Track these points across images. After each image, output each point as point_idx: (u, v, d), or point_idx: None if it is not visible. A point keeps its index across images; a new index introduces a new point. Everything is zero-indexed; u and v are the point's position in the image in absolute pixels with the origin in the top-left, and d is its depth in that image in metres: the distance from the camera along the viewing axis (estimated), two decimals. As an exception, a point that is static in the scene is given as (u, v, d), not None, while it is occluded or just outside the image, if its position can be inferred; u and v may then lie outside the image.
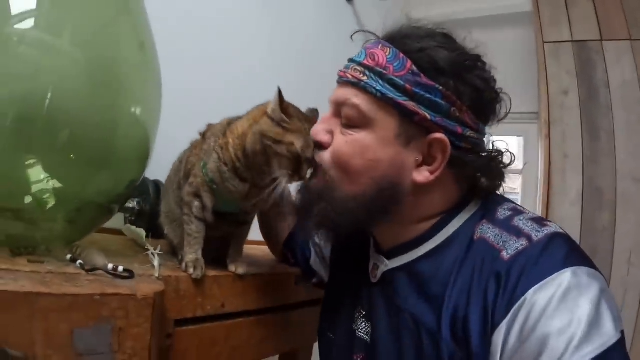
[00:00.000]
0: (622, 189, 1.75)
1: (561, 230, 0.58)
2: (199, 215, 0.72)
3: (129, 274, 0.56)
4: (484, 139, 0.66)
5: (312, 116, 0.74)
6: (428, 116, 0.60)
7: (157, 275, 0.61)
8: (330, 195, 0.64)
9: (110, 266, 0.57)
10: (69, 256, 0.60)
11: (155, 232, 0.85)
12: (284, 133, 0.67)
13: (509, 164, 0.69)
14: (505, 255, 0.56)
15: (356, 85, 0.62)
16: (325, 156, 0.65)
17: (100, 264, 0.57)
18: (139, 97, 0.71)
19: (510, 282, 0.53)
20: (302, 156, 0.66)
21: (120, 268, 0.57)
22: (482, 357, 0.54)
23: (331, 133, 0.66)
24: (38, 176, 0.61)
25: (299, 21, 1.75)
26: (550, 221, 0.61)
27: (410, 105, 0.59)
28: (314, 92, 1.78)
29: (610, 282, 1.68)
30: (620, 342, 0.50)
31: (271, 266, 0.91)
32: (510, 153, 0.69)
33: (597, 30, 1.90)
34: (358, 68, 0.63)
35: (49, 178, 0.61)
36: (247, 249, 1.08)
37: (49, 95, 0.58)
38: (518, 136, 2.39)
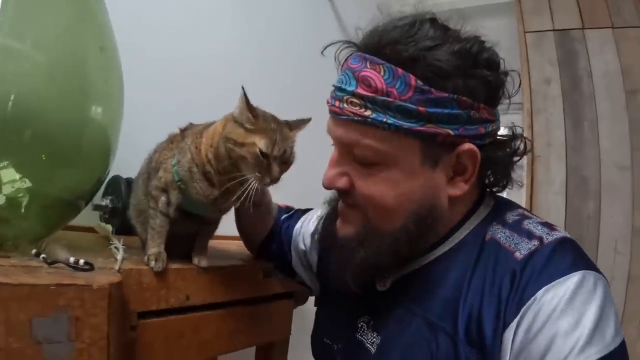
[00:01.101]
0: (607, 178, 1.79)
1: (569, 236, 0.61)
2: (163, 210, 0.74)
3: (89, 267, 0.60)
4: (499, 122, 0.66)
5: (287, 123, 0.73)
6: (451, 132, 0.58)
7: (117, 267, 0.64)
8: (371, 239, 0.64)
9: (71, 259, 0.60)
10: (34, 251, 0.63)
11: (128, 228, 0.88)
12: (245, 134, 0.67)
13: (526, 151, 0.69)
14: (518, 255, 0.59)
15: (362, 123, 0.58)
16: (357, 198, 0.64)
17: (62, 257, 0.61)
18: (100, 97, 0.75)
19: (523, 280, 0.56)
20: (268, 155, 0.66)
21: (81, 261, 0.60)
22: (495, 356, 0.56)
23: (346, 175, 0.64)
24: (8, 176, 0.65)
25: (274, 18, 1.78)
26: (558, 227, 0.63)
27: (429, 128, 0.57)
28: (291, 90, 1.82)
29: (595, 272, 1.72)
30: (622, 347, 0.53)
31: (240, 259, 0.94)
32: (524, 138, 0.69)
33: (579, 18, 1.93)
34: (355, 100, 0.58)
35: (19, 177, 0.65)
36: (222, 243, 1.13)
37: (12, 97, 0.62)
38: (504, 127, 2.43)
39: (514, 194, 2.33)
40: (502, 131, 0.68)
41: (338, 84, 0.62)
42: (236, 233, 1.26)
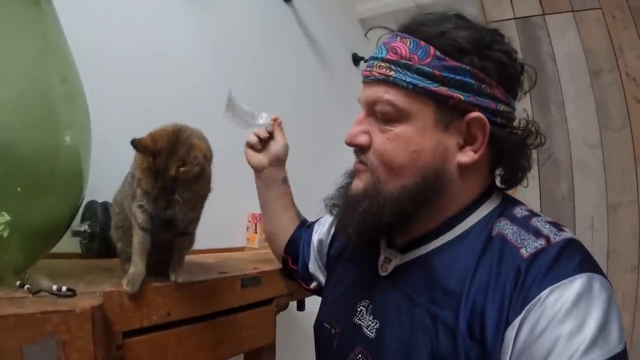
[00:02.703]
0: (578, 157, 1.88)
1: (576, 237, 0.63)
2: (144, 225, 0.77)
3: (72, 292, 0.64)
4: (515, 114, 0.71)
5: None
6: (462, 97, 0.65)
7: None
8: (376, 192, 0.69)
9: (54, 287, 0.64)
10: (18, 282, 0.67)
11: (108, 252, 0.93)
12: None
13: (539, 144, 0.75)
14: (524, 252, 0.61)
15: (385, 81, 0.67)
16: (370, 158, 0.71)
17: (45, 286, 0.65)
18: (67, 125, 0.79)
19: (528, 279, 0.58)
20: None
21: (64, 288, 0.64)
22: (496, 353, 0.58)
23: (368, 133, 0.71)
24: None
25: (235, 23, 1.82)
26: (566, 227, 0.65)
27: (443, 90, 0.65)
28: (254, 93, 1.86)
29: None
30: (624, 354, 0.55)
31: (218, 272, 0.99)
32: (540, 133, 0.75)
33: (539, 5, 2.02)
34: (382, 64, 0.68)
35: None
36: (200, 257, 1.17)
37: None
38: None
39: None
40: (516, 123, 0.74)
41: (372, 55, 0.72)
42: (213, 246, 1.31)
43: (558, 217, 1.85)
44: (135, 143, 0.70)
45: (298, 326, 0.91)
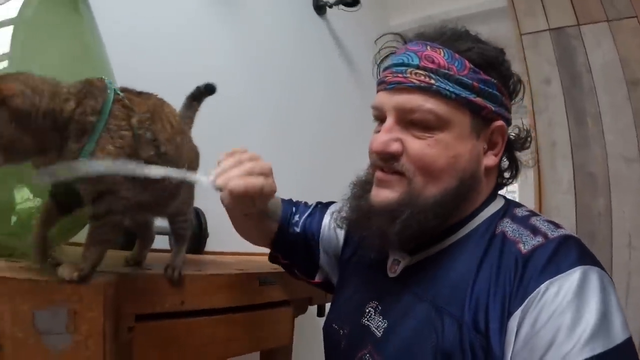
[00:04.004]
0: (615, 171, 1.83)
1: (574, 234, 0.67)
2: None
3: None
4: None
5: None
6: (492, 108, 0.71)
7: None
8: (416, 199, 0.70)
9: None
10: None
11: (132, 244, 0.97)
12: None
13: (525, 145, 0.83)
14: (522, 247, 0.65)
15: (426, 89, 0.69)
16: (405, 165, 0.71)
17: (64, 260, 0.70)
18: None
19: (527, 273, 0.62)
20: None
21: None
22: (499, 344, 0.61)
23: (399, 140, 0.72)
24: (22, 196, 0.77)
25: (268, 36, 1.89)
26: (564, 226, 0.70)
27: (479, 101, 0.70)
28: (285, 104, 1.92)
29: (612, 268, 1.76)
30: (629, 343, 0.57)
31: (235, 269, 1.02)
32: (527, 130, 0.83)
33: (574, 15, 2.01)
34: (420, 72, 0.70)
35: (32, 197, 0.77)
36: (221, 258, 1.20)
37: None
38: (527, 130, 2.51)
39: (527, 199, 2.38)
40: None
41: (398, 61, 0.73)
42: (234, 249, 1.34)
43: (594, 234, 1.81)
44: None
45: (318, 331, 0.92)
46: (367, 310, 0.78)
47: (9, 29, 0.78)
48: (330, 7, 2.25)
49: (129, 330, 0.73)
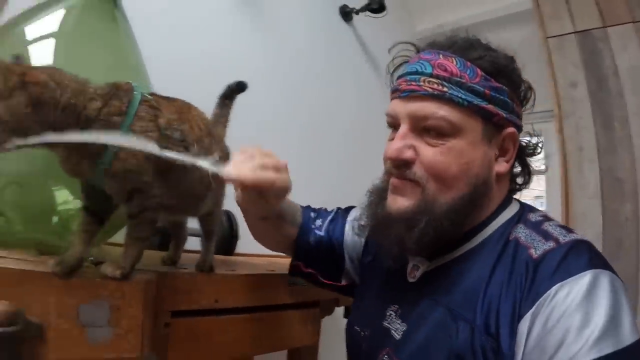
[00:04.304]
0: (643, 176, 1.82)
1: (586, 239, 0.68)
2: None
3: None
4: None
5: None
6: (504, 115, 0.73)
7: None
8: (431, 206, 0.72)
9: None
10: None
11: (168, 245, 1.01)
12: None
13: (536, 151, 0.84)
14: (533, 252, 0.66)
15: (439, 97, 0.71)
16: (417, 172, 0.73)
17: (106, 259, 0.73)
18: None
19: (537, 278, 0.63)
20: None
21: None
22: (509, 346, 0.62)
23: (412, 147, 0.73)
24: (62, 197, 0.81)
25: (296, 43, 1.93)
26: (576, 231, 0.71)
27: (491, 108, 0.72)
28: (314, 110, 1.95)
29: (638, 274, 1.73)
30: (638, 345, 0.57)
31: (266, 269, 1.05)
32: (537, 139, 0.84)
33: (599, 17, 2.00)
34: (433, 80, 0.71)
35: (72, 198, 0.80)
36: (254, 259, 1.24)
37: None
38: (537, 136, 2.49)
39: (554, 204, 2.36)
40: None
41: (412, 70, 0.75)
42: (264, 251, 1.37)
43: (621, 240, 1.79)
44: None
45: (344, 332, 0.94)
46: (388, 314, 0.80)
47: (52, 42, 0.83)
48: (357, 13, 2.27)
49: (165, 326, 0.77)
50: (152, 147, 0.65)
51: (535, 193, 2.96)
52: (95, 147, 0.65)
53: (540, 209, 0.81)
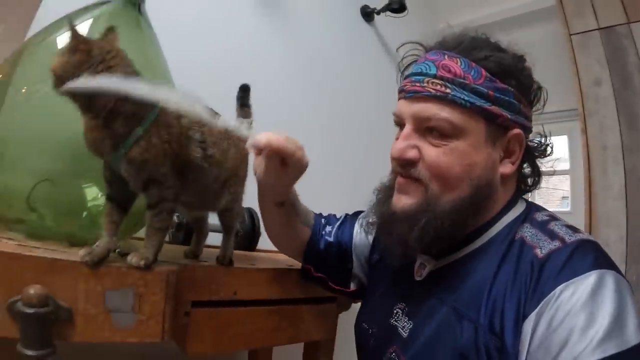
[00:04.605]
0: (669, 177, 1.79)
1: (592, 238, 0.68)
2: None
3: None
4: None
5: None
6: (509, 116, 0.73)
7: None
8: (433, 206, 0.73)
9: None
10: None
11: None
12: None
13: (546, 153, 0.83)
14: (539, 253, 0.67)
15: (442, 98, 0.72)
16: (421, 171, 0.74)
17: (132, 250, 0.78)
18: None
19: (542, 277, 0.64)
20: None
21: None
22: (513, 346, 0.63)
23: (416, 148, 0.74)
24: (91, 194, 0.86)
25: (317, 43, 1.97)
26: (583, 230, 0.71)
27: (494, 109, 0.72)
28: (335, 111, 1.98)
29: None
30: None
31: (285, 264, 1.09)
32: (547, 139, 0.83)
33: (624, 13, 1.97)
34: (437, 81, 0.72)
35: (100, 195, 0.85)
36: (273, 256, 1.27)
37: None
38: (561, 135, 2.48)
39: (578, 204, 2.34)
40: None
41: (417, 71, 0.76)
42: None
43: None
44: None
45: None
46: (395, 312, 0.82)
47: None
48: (378, 13, 2.29)
49: (185, 315, 0.81)
50: (194, 101, 0.71)
51: (562, 194, 2.92)
52: (121, 129, 0.71)
53: (565, 209, 0.82)
